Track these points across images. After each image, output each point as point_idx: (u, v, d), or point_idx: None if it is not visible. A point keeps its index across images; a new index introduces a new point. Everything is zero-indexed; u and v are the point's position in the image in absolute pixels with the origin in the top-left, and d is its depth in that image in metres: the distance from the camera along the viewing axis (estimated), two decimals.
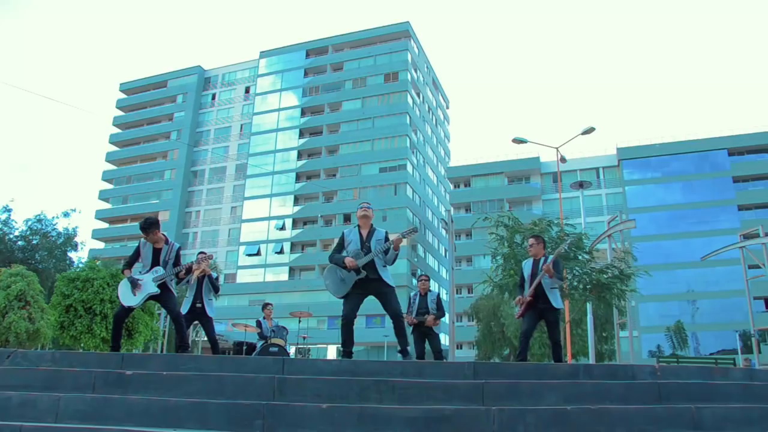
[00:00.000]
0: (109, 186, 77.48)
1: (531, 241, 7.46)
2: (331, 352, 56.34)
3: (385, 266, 6.14)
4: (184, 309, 8.10)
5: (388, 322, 6.26)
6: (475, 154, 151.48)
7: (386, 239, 6.13)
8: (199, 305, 8.21)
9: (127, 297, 6.65)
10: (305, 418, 3.62)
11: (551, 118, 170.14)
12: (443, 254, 72.17)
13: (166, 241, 7.15)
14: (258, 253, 64.20)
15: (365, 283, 6.01)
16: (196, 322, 8.47)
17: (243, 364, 4.40)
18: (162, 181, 73.39)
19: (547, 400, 3.98)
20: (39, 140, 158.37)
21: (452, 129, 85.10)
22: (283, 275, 62.58)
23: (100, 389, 4.09)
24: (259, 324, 10.88)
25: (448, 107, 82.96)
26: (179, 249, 7.23)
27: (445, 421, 3.63)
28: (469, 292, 59.11)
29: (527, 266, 7.32)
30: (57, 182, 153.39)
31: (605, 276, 8.82)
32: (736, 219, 52.42)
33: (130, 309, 6.87)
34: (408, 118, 63.48)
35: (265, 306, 11.31)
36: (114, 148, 78.82)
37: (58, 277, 12.58)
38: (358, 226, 6.38)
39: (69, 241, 26.70)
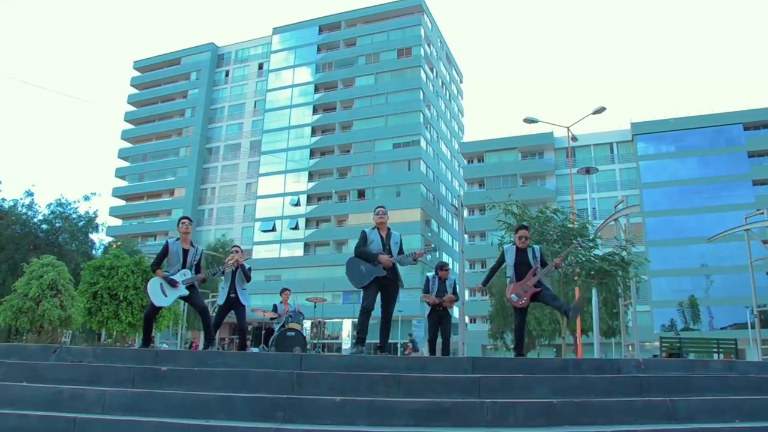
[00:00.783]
0: (125, 164, 78.38)
1: (524, 233, 7.64)
2: (346, 326, 57.24)
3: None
4: (221, 299, 8.74)
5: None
6: (489, 128, 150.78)
7: (401, 242, 6.97)
8: (233, 295, 8.78)
9: (158, 297, 7.16)
10: (321, 410, 4.12)
11: (565, 91, 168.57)
12: (457, 228, 72.47)
13: (192, 243, 7.62)
14: (273, 229, 64.96)
15: (383, 281, 6.58)
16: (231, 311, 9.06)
17: (264, 360, 4.91)
18: (177, 158, 74.10)
19: (536, 392, 4.45)
20: (55, 119, 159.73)
21: (466, 103, 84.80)
22: (298, 251, 63.38)
23: (139, 384, 4.61)
24: (275, 308, 11.38)
25: (461, 81, 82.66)
26: (203, 252, 7.76)
27: (444, 413, 4.11)
28: (482, 267, 59.57)
29: (512, 253, 7.50)
30: (75, 160, 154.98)
31: (607, 263, 9.19)
32: (750, 194, 52.25)
33: (160, 308, 7.37)
34: (421, 93, 63.49)
35: (282, 291, 11.82)
36: (129, 126, 79.54)
37: (83, 266, 13.22)
38: (377, 227, 6.93)
39: (90, 223, 27.45)
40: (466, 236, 69.80)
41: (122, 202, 76.87)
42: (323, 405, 4.14)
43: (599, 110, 24.09)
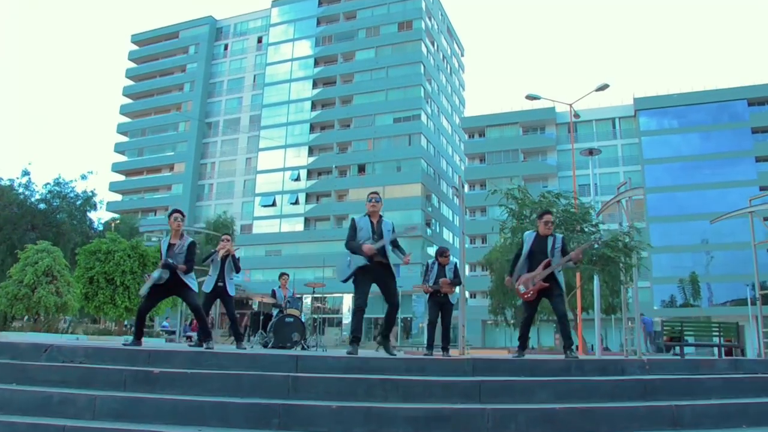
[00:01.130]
0: (124, 138, 77.99)
1: (550, 218, 7.04)
2: (347, 300, 57.33)
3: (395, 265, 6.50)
4: (208, 287, 8.58)
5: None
6: (491, 102, 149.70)
7: (393, 231, 6.44)
8: (221, 284, 8.65)
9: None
10: (317, 417, 4.00)
11: (568, 65, 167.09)
12: (457, 203, 72.28)
13: (182, 235, 7.37)
14: (273, 204, 64.82)
15: (372, 269, 6.19)
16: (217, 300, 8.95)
17: (259, 361, 4.78)
18: (176, 133, 73.68)
19: (538, 396, 4.34)
20: (53, 94, 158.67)
21: (467, 77, 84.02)
22: (299, 226, 63.31)
23: (131, 386, 4.50)
24: (274, 294, 11.26)
25: (463, 55, 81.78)
26: (191, 244, 7.34)
27: (444, 420, 4.00)
28: (482, 242, 59.53)
29: (530, 240, 7.01)
30: (73, 136, 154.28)
31: (610, 249, 9.01)
32: (753, 170, 51.97)
33: (151, 303, 7.23)
34: (422, 67, 62.85)
35: (281, 276, 11.70)
36: (128, 101, 78.94)
37: (79, 251, 13.06)
38: (368, 214, 6.56)
39: (88, 201, 27.25)
40: (466, 211, 69.86)
41: (122, 178, 76.63)
42: (319, 412, 4.03)
43: (602, 87, 23.82)
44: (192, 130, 72.27)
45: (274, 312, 11.04)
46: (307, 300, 53.62)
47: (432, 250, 59.52)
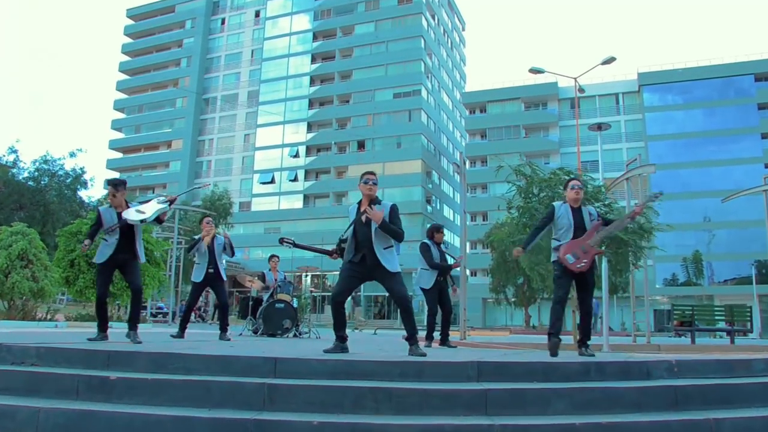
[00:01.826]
0: (121, 115, 77.02)
1: (577, 184, 6.04)
2: None
3: (388, 248, 5.25)
4: (198, 276, 7.90)
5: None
6: (492, 78, 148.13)
7: (392, 214, 5.39)
8: (212, 270, 7.98)
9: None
10: None
11: (571, 39, 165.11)
12: (458, 180, 71.64)
13: (127, 205, 6.56)
14: (272, 181, 64.14)
15: (362, 267, 5.26)
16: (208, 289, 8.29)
17: (232, 363, 4.16)
18: (174, 109, 72.74)
19: (554, 407, 3.73)
20: (49, 70, 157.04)
21: (468, 52, 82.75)
22: (298, 203, 62.70)
23: (84, 395, 3.89)
24: (263, 278, 10.62)
25: (464, 29, 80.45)
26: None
27: None
28: (483, 220, 58.96)
29: (567, 212, 5.92)
30: (69, 113, 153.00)
31: (623, 232, 8.35)
32: (758, 147, 51.12)
33: (106, 281, 6.48)
34: (422, 41, 61.74)
35: (270, 258, 11.01)
36: (124, 77, 77.84)
37: (59, 232, 12.35)
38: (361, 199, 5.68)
39: (77, 180, 26.49)
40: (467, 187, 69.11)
41: (119, 155, 75.84)
42: (298, 429, 3.43)
43: (608, 60, 23.07)
44: (189, 107, 71.30)
45: (264, 296, 10.43)
46: (307, 279, 53.31)
47: None
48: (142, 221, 6.36)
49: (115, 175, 74.20)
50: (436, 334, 8.61)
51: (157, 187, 69.37)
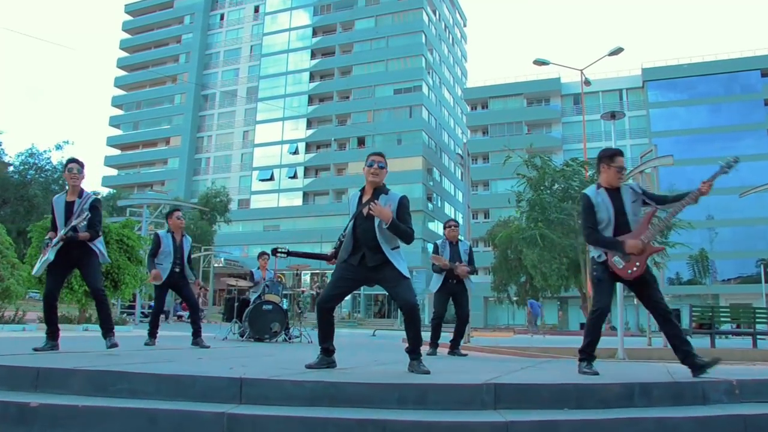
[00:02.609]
0: (119, 112, 76.24)
1: (621, 162, 4.63)
2: None
3: (395, 249, 4.38)
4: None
5: None
6: (494, 74, 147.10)
7: (400, 208, 4.44)
8: (178, 270, 7.12)
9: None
10: None
11: (574, 36, 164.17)
12: (459, 178, 70.90)
13: (81, 193, 5.67)
14: (271, 178, 63.38)
15: (360, 269, 4.38)
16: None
17: (189, 385, 3.36)
18: (172, 105, 71.93)
19: None
20: (50, 64, 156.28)
21: (469, 48, 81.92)
22: (297, 200, 61.93)
23: None
24: (252, 276, 9.77)
25: (465, 25, 79.61)
26: (95, 202, 5.64)
27: None
28: (485, 217, 58.14)
29: (605, 198, 4.53)
30: (68, 109, 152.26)
31: None
32: (765, 144, 50.26)
33: (55, 283, 5.66)
34: (423, 36, 60.90)
35: (260, 255, 10.14)
36: (122, 73, 77.03)
37: (31, 227, 11.48)
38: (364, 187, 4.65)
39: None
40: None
41: (117, 152, 75.08)
42: None
43: (616, 51, 22.25)
44: (188, 103, 70.51)
45: (252, 296, 9.61)
46: (306, 277, 52.49)
47: (434, 226, 58.08)
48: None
49: (113, 173, 73.52)
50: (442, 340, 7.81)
51: (155, 184, 68.70)
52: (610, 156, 4.71)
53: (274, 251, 5.35)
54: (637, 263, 4.41)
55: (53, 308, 5.68)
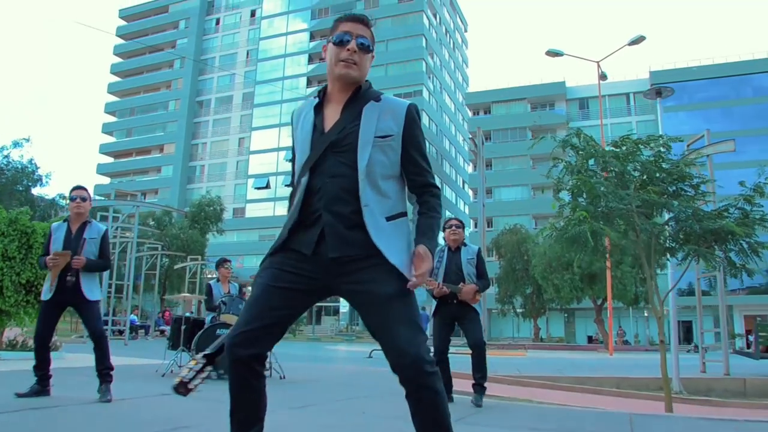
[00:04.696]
0: (112, 119, 74.61)
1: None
2: None
3: (395, 219, 2.08)
4: (47, 292, 4.63)
5: None
6: (495, 81, 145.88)
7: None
8: (71, 278, 4.69)
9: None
10: None
11: (577, 42, 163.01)
12: (461, 185, 69.09)
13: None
14: (267, 186, 61.53)
15: (319, 265, 2.07)
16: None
17: None
18: (166, 112, 70.36)
19: None
20: (37, 72, 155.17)
21: (470, 54, 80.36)
22: None
23: None
24: (209, 291, 7.62)
25: (466, 30, 78.12)
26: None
27: None
28: (489, 226, 56.20)
29: None
30: (59, 116, 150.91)
31: (728, 220, 5.60)
32: None
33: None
34: (424, 40, 59.26)
35: (219, 264, 7.90)
36: (116, 79, 75.45)
37: None
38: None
39: (26, 175, 23.32)
40: (470, 192, 66.43)
41: (110, 159, 73.38)
42: None
43: (636, 40, 20.43)
44: (183, 109, 68.89)
45: (207, 317, 7.52)
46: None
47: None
48: None
49: (106, 181, 71.67)
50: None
51: (148, 193, 66.90)
52: None
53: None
54: None
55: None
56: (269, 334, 2.04)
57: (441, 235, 4.19)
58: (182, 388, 2.03)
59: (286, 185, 60.82)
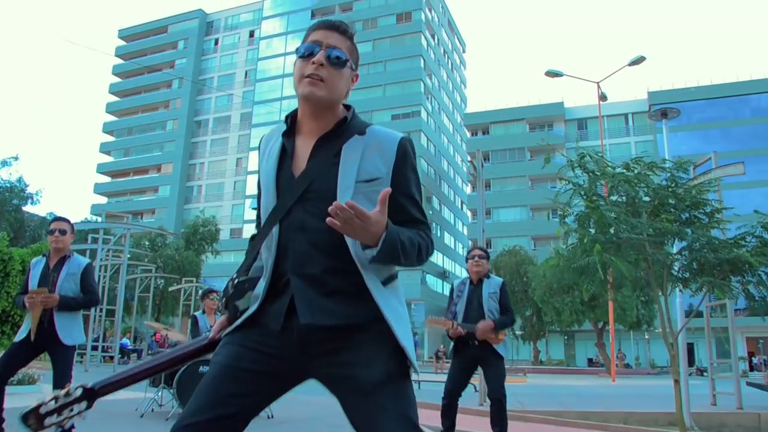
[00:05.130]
0: (110, 138, 74.42)
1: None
2: None
3: (389, 284, 1.65)
4: (19, 334, 4.22)
5: None
6: (494, 102, 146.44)
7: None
8: (43, 318, 4.24)
9: None
10: None
11: (572, 62, 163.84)
12: (460, 206, 68.76)
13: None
14: None
15: (289, 344, 1.63)
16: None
17: None
18: (164, 132, 70.19)
19: None
20: (36, 92, 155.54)
21: (469, 75, 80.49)
22: None
23: None
24: (194, 322, 7.19)
25: (464, 51, 78.27)
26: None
27: None
28: (487, 247, 55.72)
29: None
30: (57, 136, 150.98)
31: (744, 249, 5.25)
32: None
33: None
34: (422, 61, 59.27)
35: (205, 295, 7.42)
36: (114, 98, 75.39)
37: None
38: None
39: (15, 193, 23.00)
40: (468, 213, 66.10)
41: (107, 179, 73.07)
42: None
43: (636, 61, 20.21)
44: (180, 129, 68.72)
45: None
46: None
47: (434, 257, 55.72)
48: None
49: (103, 200, 71.25)
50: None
51: (145, 213, 66.54)
52: None
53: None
54: None
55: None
56: (223, 428, 1.54)
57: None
58: (33, 419, 1.51)
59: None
